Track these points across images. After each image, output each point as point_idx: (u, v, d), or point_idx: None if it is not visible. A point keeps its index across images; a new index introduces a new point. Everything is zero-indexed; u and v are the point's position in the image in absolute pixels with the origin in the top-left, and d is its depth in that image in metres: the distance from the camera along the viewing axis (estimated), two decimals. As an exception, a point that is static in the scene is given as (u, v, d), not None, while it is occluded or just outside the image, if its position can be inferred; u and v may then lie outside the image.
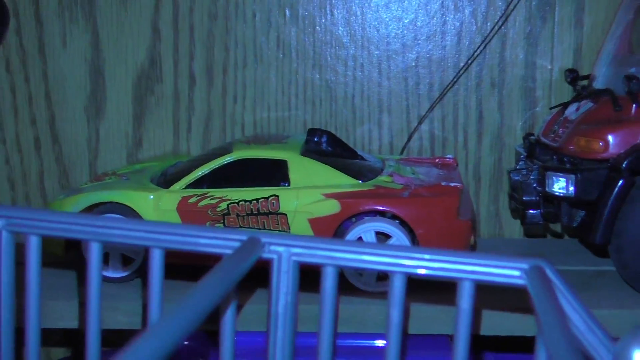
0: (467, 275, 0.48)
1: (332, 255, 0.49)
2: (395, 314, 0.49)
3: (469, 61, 0.87)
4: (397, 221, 0.71)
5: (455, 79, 0.88)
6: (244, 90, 0.91)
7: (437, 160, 0.84)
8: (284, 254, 0.49)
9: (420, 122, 0.90)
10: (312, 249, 0.49)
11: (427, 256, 0.48)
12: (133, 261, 0.74)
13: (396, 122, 0.91)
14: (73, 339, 0.85)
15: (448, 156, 0.85)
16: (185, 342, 0.70)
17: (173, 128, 0.92)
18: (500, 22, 0.88)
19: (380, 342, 0.70)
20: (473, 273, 0.48)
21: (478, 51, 0.88)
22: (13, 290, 0.51)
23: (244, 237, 0.49)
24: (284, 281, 0.49)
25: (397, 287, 0.49)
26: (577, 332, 0.43)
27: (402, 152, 0.90)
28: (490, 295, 0.56)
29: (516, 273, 0.48)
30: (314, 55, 0.90)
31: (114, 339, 0.66)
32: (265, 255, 0.49)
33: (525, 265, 0.47)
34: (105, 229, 0.50)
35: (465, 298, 0.48)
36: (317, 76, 0.91)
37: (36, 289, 0.51)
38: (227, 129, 0.92)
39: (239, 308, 0.69)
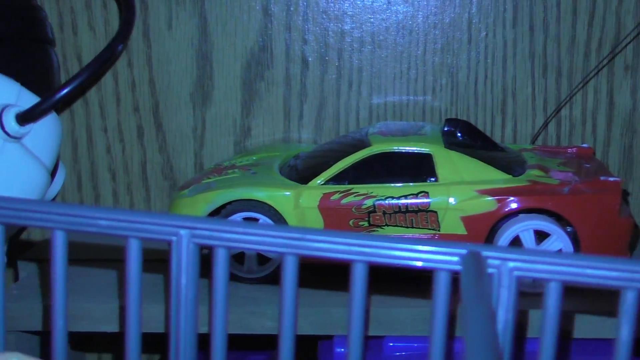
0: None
1: (557, 270, 0.45)
2: (625, 332, 0.45)
3: (616, 47, 0.82)
4: (555, 219, 0.67)
5: (601, 66, 0.83)
6: (359, 76, 0.86)
7: (573, 150, 0.79)
8: (503, 268, 0.45)
9: (558, 110, 0.85)
10: (534, 263, 0.45)
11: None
12: (269, 261, 0.70)
13: (521, 109, 0.86)
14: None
15: (584, 145, 0.80)
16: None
17: (284, 115, 0.88)
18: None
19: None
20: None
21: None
22: (197, 303, 0.48)
23: (461, 251, 0.45)
24: (503, 297, 0.45)
25: (630, 304, 0.45)
26: None
27: (533, 142, 0.85)
28: None
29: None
30: (435, 38, 0.85)
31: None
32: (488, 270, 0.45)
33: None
34: (304, 241, 0.46)
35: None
36: (438, 60, 0.86)
37: (223, 305, 0.47)
38: (341, 116, 0.87)
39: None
